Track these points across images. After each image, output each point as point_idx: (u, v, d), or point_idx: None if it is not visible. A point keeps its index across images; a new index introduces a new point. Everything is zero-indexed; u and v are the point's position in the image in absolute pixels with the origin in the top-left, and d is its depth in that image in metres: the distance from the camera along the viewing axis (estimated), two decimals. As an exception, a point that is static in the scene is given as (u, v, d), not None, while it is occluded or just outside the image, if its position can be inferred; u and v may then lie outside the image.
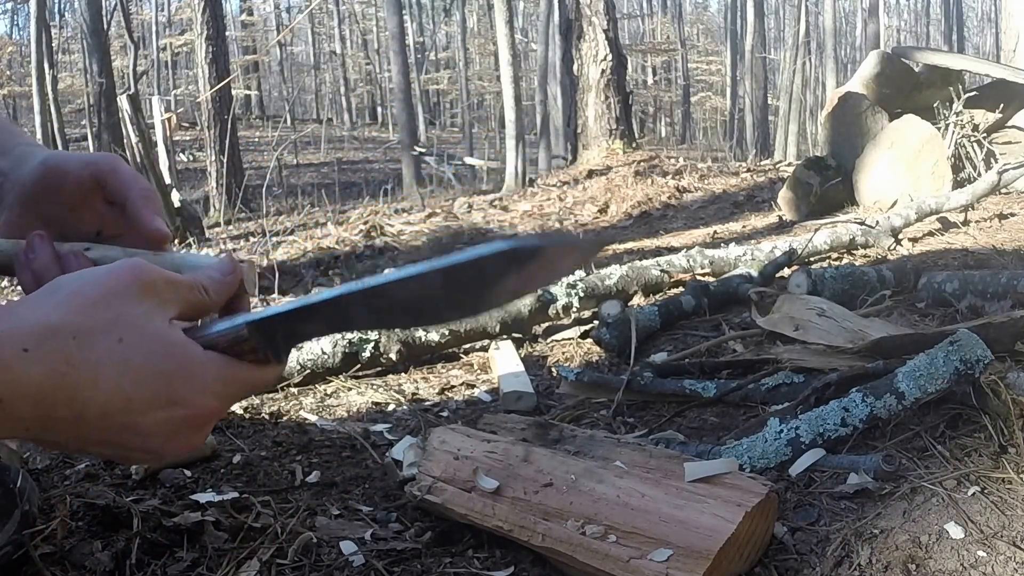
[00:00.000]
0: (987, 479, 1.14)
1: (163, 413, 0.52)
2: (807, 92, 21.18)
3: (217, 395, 0.55)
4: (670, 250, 3.83)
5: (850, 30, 34.95)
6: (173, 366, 0.52)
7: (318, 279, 4.43)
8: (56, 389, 0.47)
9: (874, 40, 19.07)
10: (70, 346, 0.47)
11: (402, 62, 15.12)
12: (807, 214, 4.76)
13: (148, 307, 0.52)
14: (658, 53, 31.19)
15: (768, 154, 16.70)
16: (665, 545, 0.94)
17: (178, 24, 28.72)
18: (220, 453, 1.50)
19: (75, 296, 0.49)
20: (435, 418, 1.78)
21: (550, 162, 14.01)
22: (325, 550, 1.11)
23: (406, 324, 0.58)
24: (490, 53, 27.96)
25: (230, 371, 0.56)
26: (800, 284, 2.36)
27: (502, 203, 7.11)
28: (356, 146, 23.61)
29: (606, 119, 8.72)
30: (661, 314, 2.28)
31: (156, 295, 0.53)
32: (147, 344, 0.51)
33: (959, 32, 29.00)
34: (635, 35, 34.18)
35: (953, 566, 0.97)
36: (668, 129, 30.06)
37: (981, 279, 2.15)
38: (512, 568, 1.08)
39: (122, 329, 0.50)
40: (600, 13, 8.64)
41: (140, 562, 1.06)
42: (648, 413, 1.67)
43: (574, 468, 1.08)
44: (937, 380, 1.31)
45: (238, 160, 11.45)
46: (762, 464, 1.27)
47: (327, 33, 34.05)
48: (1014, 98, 5.04)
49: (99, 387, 0.48)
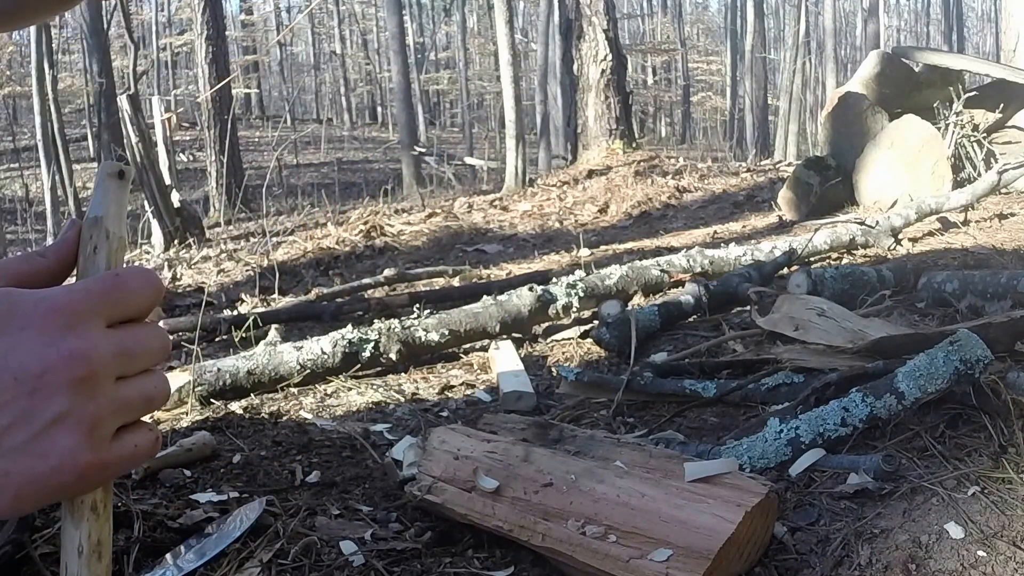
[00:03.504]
0: (987, 479, 1.14)
1: (19, 335, 0.44)
2: (807, 92, 21.18)
3: (63, 295, 0.47)
4: (670, 250, 3.83)
5: (850, 30, 34.95)
6: (5, 297, 0.46)
7: (318, 279, 4.43)
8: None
9: (874, 40, 19.06)
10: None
11: (402, 62, 15.12)
12: (807, 214, 4.76)
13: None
14: (658, 53, 31.19)
15: (768, 154, 16.69)
16: (665, 545, 0.94)
17: (178, 24, 28.73)
18: (220, 453, 1.50)
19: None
20: (435, 418, 1.78)
21: (550, 162, 14.00)
22: (325, 550, 1.11)
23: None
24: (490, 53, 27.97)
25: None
26: (800, 284, 2.36)
27: (502, 203, 7.11)
28: (356, 146, 23.61)
29: (606, 119, 8.72)
30: (661, 314, 2.28)
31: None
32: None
33: (959, 32, 29.00)
34: (635, 35, 34.17)
35: (953, 566, 0.97)
36: (668, 129, 30.06)
37: (981, 279, 2.15)
38: (512, 568, 1.08)
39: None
40: (600, 13, 8.63)
41: (140, 562, 1.06)
42: (648, 413, 1.67)
43: (574, 468, 1.08)
44: (937, 380, 1.31)
45: (238, 160, 11.46)
46: (762, 464, 1.27)
47: (327, 33, 34.04)
48: (1014, 98, 5.04)
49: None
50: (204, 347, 2.42)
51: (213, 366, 1.94)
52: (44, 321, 0.45)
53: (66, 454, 0.45)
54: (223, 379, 1.92)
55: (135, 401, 0.49)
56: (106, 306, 0.48)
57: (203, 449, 1.48)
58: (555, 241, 5.31)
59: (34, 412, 0.44)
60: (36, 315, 0.46)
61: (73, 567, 0.49)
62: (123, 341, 0.48)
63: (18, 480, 0.44)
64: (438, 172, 13.09)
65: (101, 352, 0.46)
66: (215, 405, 1.87)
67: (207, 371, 1.92)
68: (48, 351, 0.45)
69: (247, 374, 1.96)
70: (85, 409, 0.45)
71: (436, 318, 2.26)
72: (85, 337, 0.46)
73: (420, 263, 4.65)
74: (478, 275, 3.89)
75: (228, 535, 1.11)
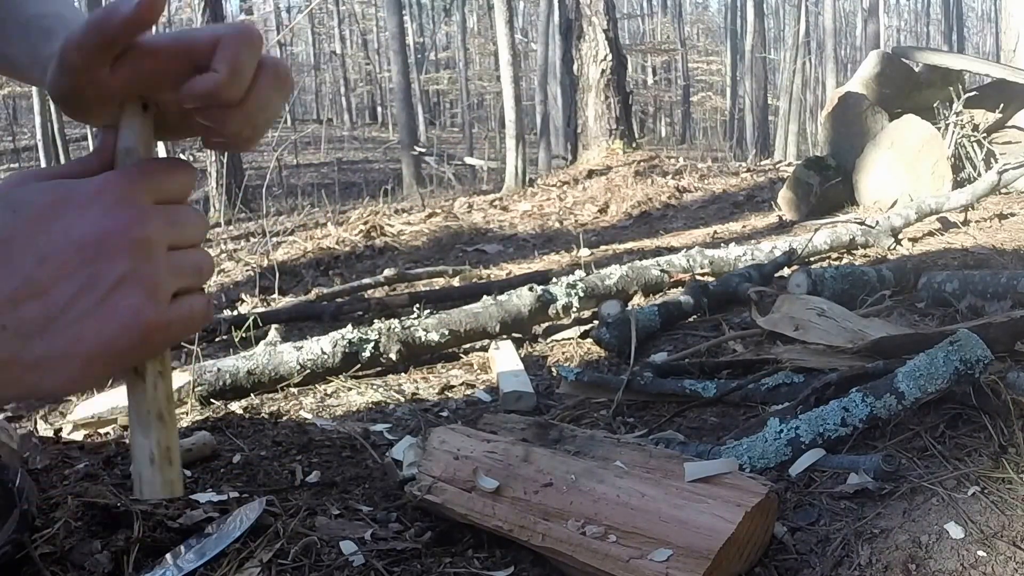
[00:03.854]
0: (987, 479, 1.14)
1: (77, 211, 0.48)
2: (807, 92, 21.18)
3: (114, 174, 0.51)
4: (670, 250, 3.83)
5: (850, 30, 34.94)
6: (56, 183, 0.50)
7: (318, 279, 4.43)
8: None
9: (874, 40, 19.06)
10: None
11: (402, 62, 15.11)
12: (807, 214, 4.77)
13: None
14: (658, 53, 31.19)
15: (768, 154, 16.69)
16: (665, 545, 0.94)
17: (178, 24, 28.74)
18: (220, 453, 1.50)
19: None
20: (435, 418, 1.78)
21: (550, 162, 14.00)
22: (325, 550, 1.11)
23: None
24: (490, 53, 27.97)
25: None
26: (800, 284, 2.36)
27: (502, 203, 7.11)
28: (356, 146, 23.61)
29: (606, 119, 8.72)
30: (661, 314, 2.28)
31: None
32: (33, 192, 0.50)
33: (959, 32, 29.00)
34: (635, 35, 34.17)
35: (953, 566, 0.97)
36: (668, 129, 30.05)
37: (981, 279, 2.15)
38: (512, 568, 1.08)
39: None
40: (600, 13, 8.63)
41: (140, 562, 1.06)
42: (648, 413, 1.67)
43: (574, 468, 1.08)
44: (937, 380, 1.31)
45: (238, 160, 11.45)
46: (762, 464, 1.27)
47: (327, 33, 34.05)
48: (1014, 98, 5.04)
49: (14, 238, 0.48)
50: (204, 347, 2.42)
51: (213, 366, 1.94)
52: (98, 197, 0.49)
53: (131, 313, 0.48)
54: (223, 379, 1.92)
55: (188, 268, 0.52)
56: (152, 185, 0.52)
57: (203, 449, 1.48)
58: (555, 241, 5.31)
59: (98, 277, 0.48)
60: (90, 194, 0.49)
61: (147, 474, 0.51)
62: (171, 214, 0.52)
63: (87, 346, 0.48)
64: (438, 172, 13.09)
65: (154, 220, 0.50)
66: (215, 405, 1.87)
67: (207, 371, 1.92)
68: (106, 220, 0.49)
69: (247, 374, 1.96)
70: (144, 269, 0.49)
71: (436, 318, 2.26)
72: (139, 208, 0.50)
73: (420, 263, 4.65)
74: (478, 275, 3.89)
75: (228, 535, 1.11)
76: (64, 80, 0.54)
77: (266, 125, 0.58)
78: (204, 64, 0.53)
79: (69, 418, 1.74)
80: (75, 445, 1.56)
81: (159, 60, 0.54)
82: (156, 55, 0.54)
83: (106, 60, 0.53)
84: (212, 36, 0.53)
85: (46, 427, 1.73)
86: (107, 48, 0.52)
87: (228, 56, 0.52)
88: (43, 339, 0.47)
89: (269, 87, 0.55)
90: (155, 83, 0.55)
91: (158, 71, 0.54)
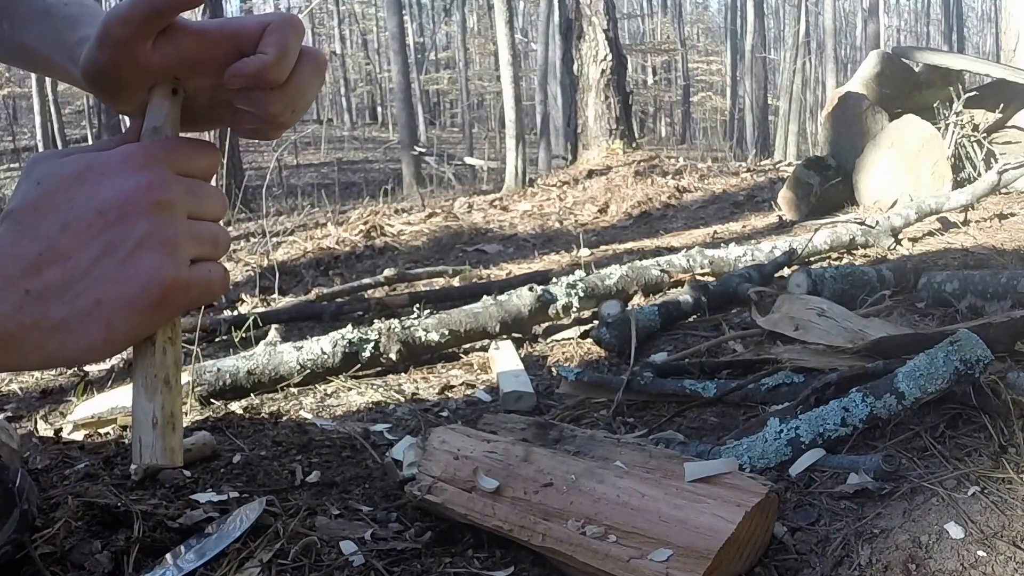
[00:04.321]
0: (987, 479, 1.14)
1: (99, 179, 0.50)
2: (807, 92, 21.18)
3: (135, 145, 0.52)
4: (670, 250, 3.83)
5: (850, 30, 34.94)
6: (82, 155, 0.52)
7: (318, 279, 4.43)
8: (18, 234, 0.49)
9: (874, 40, 19.06)
10: (11, 213, 0.50)
11: (402, 62, 15.11)
12: (807, 214, 4.77)
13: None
14: (658, 53, 31.19)
15: (768, 154, 16.69)
16: (665, 545, 0.94)
17: (178, 24, 28.68)
18: (220, 453, 1.50)
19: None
20: (435, 418, 1.78)
21: (550, 162, 14.00)
22: (325, 550, 1.11)
23: None
24: (490, 53, 27.97)
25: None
26: (800, 284, 2.36)
27: (502, 203, 7.11)
28: (356, 146, 23.60)
29: (606, 119, 8.72)
30: (661, 314, 2.28)
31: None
32: (59, 165, 0.52)
33: (959, 32, 28.99)
34: (635, 35, 34.17)
35: (953, 566, 0.97)
36: (668, 129, 30.05)
37: (981, 279, 2.15)
38: (512, 568, 1.08)
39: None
40: (600, 13, 8.63)
41: (140, 562, 1.06)
42: (648, 413, 1.67)
43: (574, 468, 1.08)
44: (937, 380, 1.31)
45: (238, 160, 11.45)
46: (762, 464, 1.27)
47: (327, 33, 34.05)
48: (1014, 98, 5.04)
49: (39, 206, 0.50)
50: (204, 347, 2.42)
51: (213, 366, 1.94)
52: (121, 165, 0.51)
53: (152, 272, 0.49)
54: (223, 379, 1.92)
55: (207, 237, 0.53)
56: (175, 157, 0.53)
57: (203, 449, 1.48)
58: (555, 241, 5.31)
59: (119, 239, 0.49)
60: (113, 163, 0.51)
61: (148, 439, 0.51)
62: (192, 185, 0.53)
63: (110, 308, 0.49)
64: (438, 172, 13.09)
65: (174, 186, 0.51)
66: (215, 405, 1.87)
67: (207, 371, 1.92)
68: (128, 183, 0.50)
69: (247, 374, 1.96)
70: (165, 231, 0.50)
71: (436, 318, 2.26)
72: (159, 173, 0.51)
73: (420, 263, 4.65)
74: (478, 275, 3.89)
75: (228, 535, 1.12)
76: (102, 55, 0.55)
77: (303, 110, 0.60)
78: (248, 50, 0.55)
79: (69, 418, 1.74)
80: (75, 445, 1.56)
81: (205, 42, 0.56)
82: (203, 36, 0.56)
83: (150, 33, 0.54)
84: (259, 23, 0.56)
85: (46, 427, 1.73)
86: (154, 20, 0.53)
87: (276, 40, 0.55)
88: (65, 302, 0.48)
89: (309, 72, 0.57)
90: (196, 64, 0.57)
91: (202, 52, 0.56)
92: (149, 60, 0.55)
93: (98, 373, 2.20)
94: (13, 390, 2.10)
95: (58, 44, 0.66)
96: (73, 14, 0.68)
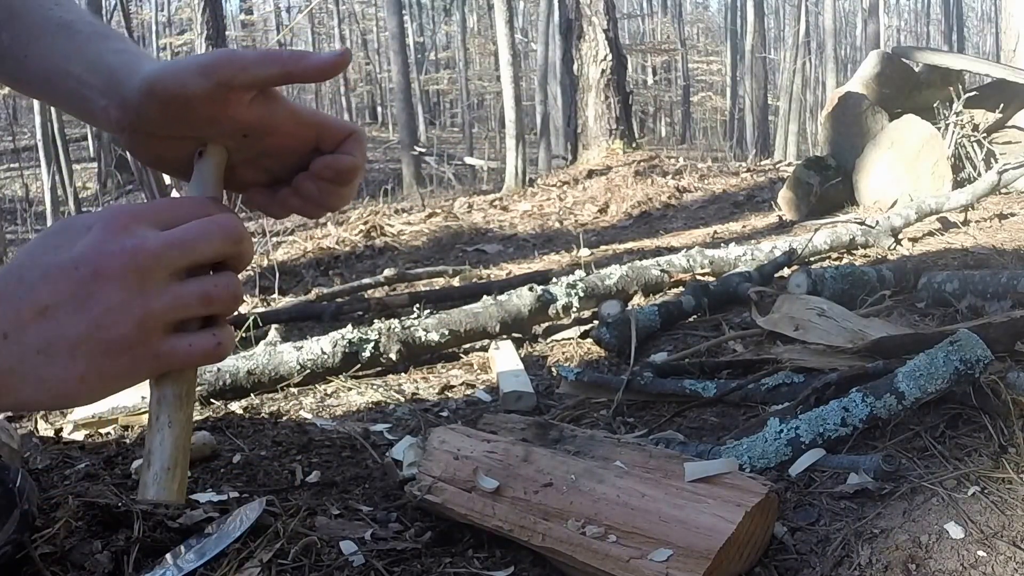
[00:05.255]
0: (987, 479, 1.14)
1: (84, 235, 0.51)
2: (807, 92, 21.18)
3: (127, 205, 0.54)
4: (670, 250, 3.83)
5: (850, 30, 34.93)
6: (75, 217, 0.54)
7: (318, 279, 4.43)
8: (6, 284, 0.50)
9: (874, 40, 19.05)
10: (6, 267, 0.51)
11: (402, 62, 15.11)
12: (807, 214, 4.76)
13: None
14: (658, 53, 31.17)
15: (768, 154, 16.69)
16: (665, 545, 0.94)
17: (178, 24, 28.71)
18: (220, 453, 1.50)
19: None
20: (435, 418, 1.78)
21: (550, 162, 14.00)
22: (325, 550, 1.11)
23: None
24: (490, 53, 27.96)
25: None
26: (800, 284, 2.36)
27: (502, 203, 7.11)
28: (356, 146, 23.54)
29: (606, 119, 8.71)
30: (661, 314, 2.28)
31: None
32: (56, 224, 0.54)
33: (959, 32, 28.99)
34: (635, 35, 34.15)
35: (953, 566, 0.97)
36: (668, 129, 30.03)
37: (981, 279, 2.15)
38: (512, 568, 1.08)
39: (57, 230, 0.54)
40: (600, 13, 8.63)
41: (140, 562, 1.06)
42: (648, 413, 1.67)
43: (574, 468, 1.08)
44: (937, 380, 1.31)
45: (238, 160, 11.45)
46: (762, 464, 1.27)
47: (327, 33, 34.02)
48: (1014, 98, 5.04)
49: (32, 253, 0.51)
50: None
51: (213, 366, 1.94)
52: (106, 223, 0.51)
53: (119, 343, 0.49)
54: (223, 379, 1.92)
55: (190, 299, 0.52)
56: (163, 213, 0.53)
57: (203, 449, 1.48)
58: (555, 241, 5.31)
59: (90, 298, 0.49)
60: (100, 219, 0.51)
61: (155, 476, 0.53)
62: (175, 235, 0.52)
63: (79, 371, 0.49)
64: (438, 172, 13.09)
65: (147, 246, 0.51)
66: (215, 405, 1.87)
67: (207, 371, 1.92)
68: (106, 245, 0.50)
69: (247, 374, 1.96)
70: (134, 301, 0.50)
71: (436, 318, 2.26)
72: (136, 235, 0.51)
73: (420, 263, 4.65)
74: (478, 275, 3.89)
75: (228, 535, 1.12)
76: (195, 83, 0.56)
77: (343, 204, 0.66)
78: (327, 144, 0.62)
79: (70, 418, 1.74)
80: (76, 445, 1.56)
81: (295, 121, 0.60)
82: (296, 115, 0.60)
83: (260, 89, 0.58)
84: (343, 126, 0.62)
85: (47, 427, 1.73)
86: (275, 81, 0.58)
87: (361, 149, 0.63)
88: (40, 350, 0.49)
89: (360, 177, 0.65)
90: (274, 135, 0.61)
91: (287, 128, 0.60)
92: (240, 112, 0.58)
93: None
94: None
95: (80, 56, 0.63)
96: (101, 31, 0.66)
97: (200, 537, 1.12)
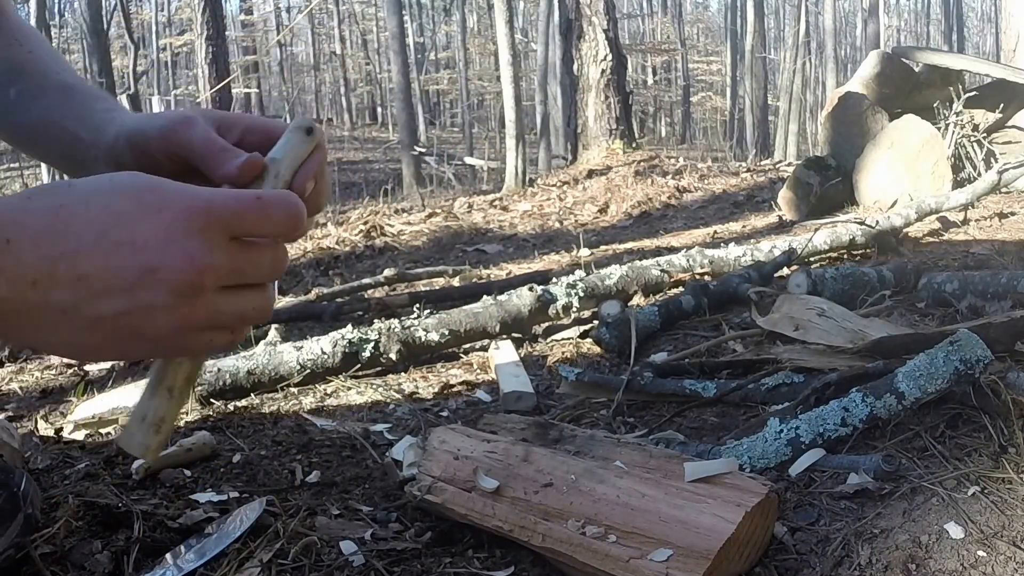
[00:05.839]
0: (987, 479, 1.14)
1: (153, 218, 0.50)
2: (807, 92, 21.19)
3: (204, 198, 0.53)
4: (670, 250, 3.83)
5: (850, 30, 34.93)
6: (158, 183, 0.53)
7: (318, 279, 4.43)
8: (54, 224, 0.49)
9: (874, 40, 19.05)
10: (64, 189, 0.51)
11: (402, 62, 15.12)
12: (807, 214, 4.76)
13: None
14: (658, 53, 31.19)
15: (768, 154, 16.69)
16: (665, 545, 0.94)
17: (178, 24, 28.71)
18: (220, 453, 1.50)
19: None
20: (435, 418, 1.78)
21: (550, 162, 14.00)
22: (325, 550, 1.11)
23: None
24: (490, 53, 27.96)
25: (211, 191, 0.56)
26: (800, 284, 2.36)
27: (502, 203, 7.11)
28: (356, 146, 23.59)
29: (606, 119, 8.72)
30: (661, 314, 2.28)
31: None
32: (133, 177, 0.54)
33: (959, 32, 28.98)
34: (635, 35, 34.15)
35: (953, 566, 0.97)
36: (668, 129, 30.04)
37: (981, 279, 2.15)
38: (512, 568, 1.08)
39: (113, 179, 0.54)
40: (600, 13, 8.63)
41: (140, 562, 1.06)
42: (648, 413, 1.67)
43: (574, 468, 1.08)
44: (937, 380, 1.31)
45: (238, 160, 11.44)
46: (762, 464, 1.27)
47: (327, 33, 34.02)
48: (1014, 98, 5.04)
49: (90, 205, 0.50)
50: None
51: (213, 366, 1.94)
52: (180, 214, 0.50)
53: (149, 334, 0.51)
54: (223, 379, 1.92)
55: (228, 317, 0.54)
56: (237, 222, 0.53)
57: (203, 449, 1.48)
58: (555, 241, 5.31)
59: (135, 288, 0.49)
60: (175, 204, 0.51)
61: (132, 428, 0.56)
62: (237, 260, 0.53)
63: (97, 339, 0.51)
64: (438, 172, 13.10)
65: (215, 265, 0.51)
66: (215, 405, 1.87)
67: (207, 371, 1.92)
68: (171, 247, 0.50)
69: (247, 374, 1.96)
70: (180, 310, 0.51)
71: (436, 318, 2.26)
72: (206, 247, 0.51)
73: (420, 263, 4.65)
74: (478, 275, 3.89)
75: (228, 535, 1.12)
76: (143, 144, 0.68)
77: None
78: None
79: (70, 418, 1.74)
80: (76, 445, 1.56)
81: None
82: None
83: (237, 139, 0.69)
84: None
85: (47, 427, 1.73)
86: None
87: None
88: (65, 317, 0.49)
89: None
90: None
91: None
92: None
93: (98, 373, 2.20)
94: (13, 390, 2.10)
95: (81, 114, 0.74)
96: (95, 93, 0.78)
97: (200, 537, 1.12)
